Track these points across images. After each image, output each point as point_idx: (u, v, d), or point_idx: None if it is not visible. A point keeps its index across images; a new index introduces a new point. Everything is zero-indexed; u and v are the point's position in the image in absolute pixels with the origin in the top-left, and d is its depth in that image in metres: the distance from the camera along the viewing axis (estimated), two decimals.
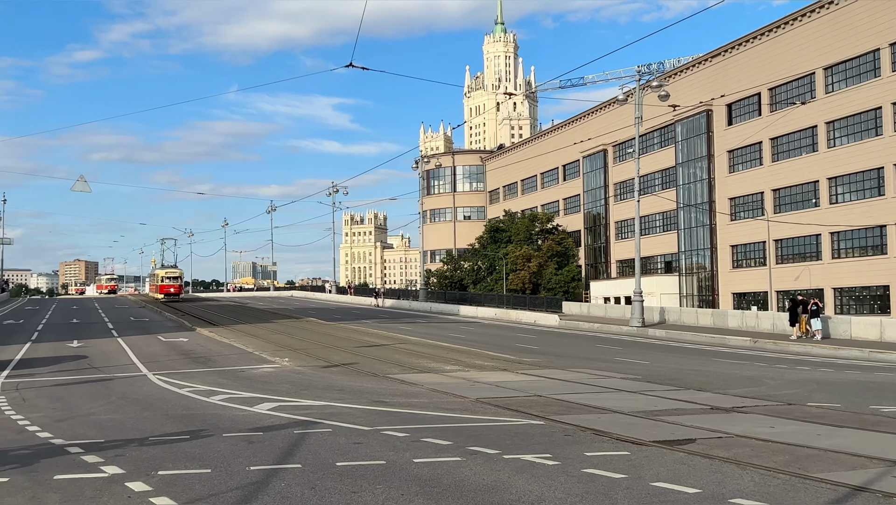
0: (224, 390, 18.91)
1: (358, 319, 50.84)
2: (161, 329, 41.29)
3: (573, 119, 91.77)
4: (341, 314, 57.14)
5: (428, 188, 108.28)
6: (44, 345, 32.74)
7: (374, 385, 20.02)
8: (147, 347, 31.33)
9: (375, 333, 38.43)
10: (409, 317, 56.49)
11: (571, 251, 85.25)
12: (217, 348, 30.83)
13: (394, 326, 45.47)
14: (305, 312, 59.28)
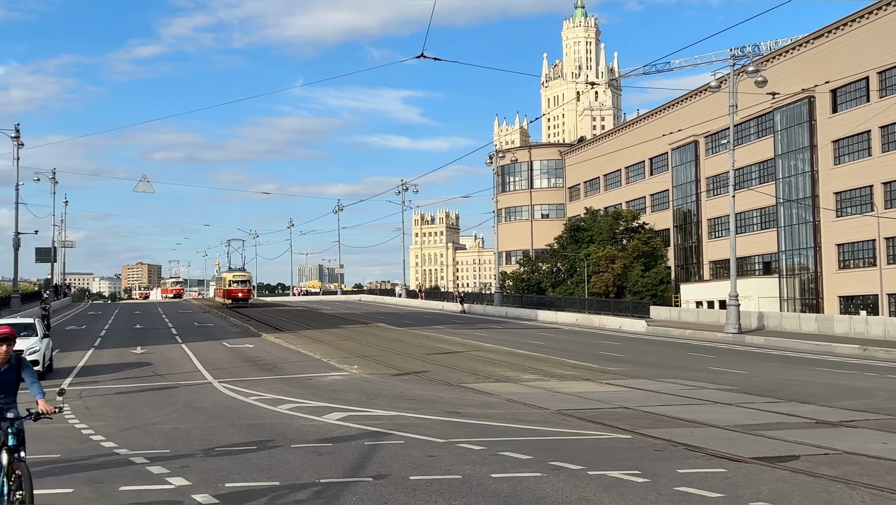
0: (291, 399, 19.03)
1: (429, 325, 50.89)
2: (226, 335, 41.85)
3: (661, 108, 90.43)
4: (412, 319, 57.28)
5: (503, 185, 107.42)
6: (107, 351, 33.43)
7: (447, 395, 19.99)
8: (212, 354, 31.69)
9: (448, 340, 38.42)
10: (483, 322, 56.23)
11: (659, 251, 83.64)
12: (283, 355, 30.99)
13: (467, 331, 45.32)
14: (374, 317, 59.62)
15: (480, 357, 30.14)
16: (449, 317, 63.88)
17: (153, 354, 32.17)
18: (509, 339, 40.68)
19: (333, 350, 32.45)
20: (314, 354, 30.87)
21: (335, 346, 34.55)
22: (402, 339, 39.08)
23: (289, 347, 34.52)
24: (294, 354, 31.56)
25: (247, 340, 38.81)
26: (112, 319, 57.17)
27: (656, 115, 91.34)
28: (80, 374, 25.70)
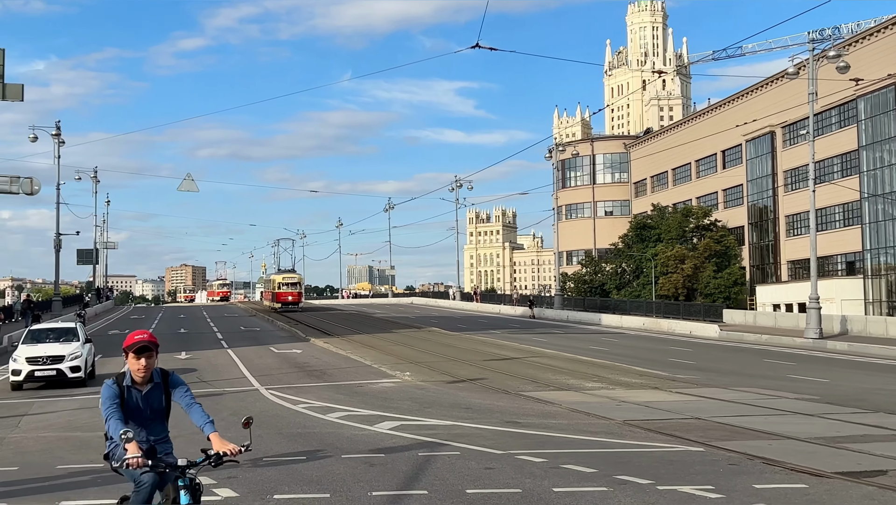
0: (341, 407, 19.14)
1: (485, 329, 50.67)
2: (273, 340, 41.92)
3: (734, 97, 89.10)
4: (466, 323, 57.09)
5: (563, 180, 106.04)
6: None
7: (505, 403, 19.92)
8: (259, 360, 31.90)
9: (505, 345, 38.21)
10: (542, 326, 56.00)
11: (733, 251, 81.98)
12: (333, 361, 31.12)
13: (526, 336, 45.08)
14: (427, 321, 59.47)
15: (540, 364, 30.00)
16: (506, 321, 63.52)
17: (198, 359, 32.50)
18: (571, 344, 40.51)
19: (384, 356, 32.47)
20: (364, 359, 30.90)
21: (386, 351, 34.55)
22: (456, 344, 39.01)
23: (338, 352, 34.56)
24: (343, 359, 31.65)
25: (295, 344, 38.93)
26: (155, 323, 57.77)
27: (729, 104, 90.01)
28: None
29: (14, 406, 21.02)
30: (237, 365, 30.24)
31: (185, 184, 46.03)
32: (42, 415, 19.29)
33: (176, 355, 34.24)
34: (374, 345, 37.59)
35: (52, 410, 20.13)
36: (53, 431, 16.76)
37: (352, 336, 42.87)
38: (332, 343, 38.35)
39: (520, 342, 40.37)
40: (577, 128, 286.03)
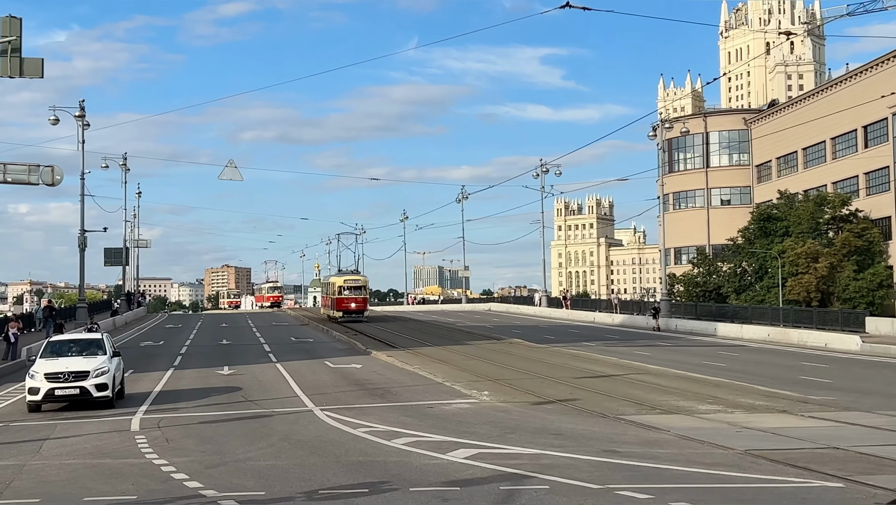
0: (409, 431, 19.28)
1: (577, 341, 50.29)
2: (328, 353, 42.40)
3: (877, 62, 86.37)
4: (555, 334, 56.83)
5: (670, 164, 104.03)
6: (188, 372, 34.60)
7: (602, 429, 19.93)
8: (312, 376, 32.26)
9: (602, 360, 38.13)
10: (645, 338, 55.73)
11: (877, 246, 79.44)
12: (398, 377, 31.20)
13: (626, 349, 44.91)
14: (508, 330, 59.27)
15: (643, 382, 29.80)
16: (601, 331, 63.20)
17: (243, 375, 32.97)
18: (680, 359, 40.17)
19: (459, 372, 32.44)
20: (435, 376, 31.00)
21: (460, 366, 34.53)
22: (543, 358, 38.94)
23: (404, 367, 34.68)
24: (411, 376, 31.68)
25: (353, 358, 39.44)
26: (194, 334, 58.87)
27: (871, 70, 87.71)
28: (157, 400, 26.42)
29: (34, 429, 21.23)
30: (287, 382, 30.58)
31: (227, 172, 46.24)
32: (66, 439, 19.50)
33: (217, 371, 34.61)
34: (447, 359, 37.71)
35: (78, 433, 20.24)
36: (79, 458, 17.03)
37: (420, 349, 42.97)
38: (398, 357, 38.60)
39: (618, 356, 40.20)
40: (687, 101, 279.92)
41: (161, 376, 32.94)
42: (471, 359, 37.91)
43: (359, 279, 72.58)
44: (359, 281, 72.10)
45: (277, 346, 47.35)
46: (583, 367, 35.29)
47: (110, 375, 25.55)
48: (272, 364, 37.36)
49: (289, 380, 31.15)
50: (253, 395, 27.09)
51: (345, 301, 70.34)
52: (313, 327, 65.70)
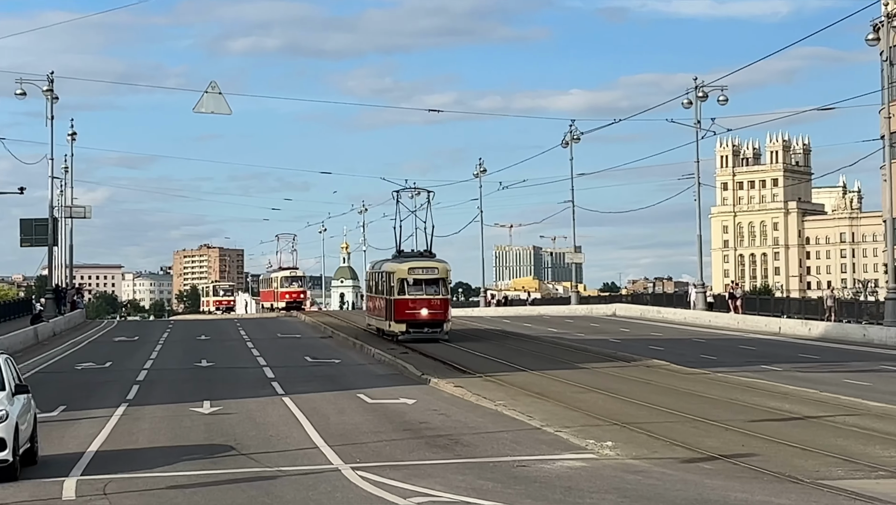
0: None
1: (753, 364, 47.49)
2: (364, 381, 40.26)
3: None
4: (718, 352, 54.18)
5: None
6: (150, 410, 32.15)
7: (794, 501, 18.20)
8: (339, 416, 30.50)
9: (792, 394, 35.83)
10: (862, 358, 51.63)
11: None
12: (472, 419, 29.79)
13: (831, 377, 42.17)
14: (643, 346, 56.55)
15: (858, 428, 27.31)
16: (790, 347, 58.41)
17: (233, 415, 30.96)
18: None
19: (566, 410, 31.07)
20: (530, 417, 29.48)
21: (569, 402, 32.96)
22: (698, 390, 37.22)
23: (481, 403, 32.95)
24: (492, 417, 30.27)
25: (402, 389, 37.34)
26: (158, 351, 55.26)
27: None
28: (98, 460, 23.47)
29: None
30: (301, 425, 28.51)
31: (208, 100, 42.94)
32: None
33: (194, 408, 32.26)
34: (547, 391, 36.14)
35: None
36: None
37: (505, 375, 41.00)
38: (470, 387, 36.76)
39: (819, 387, 37.51)
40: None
41: (107, 417, 30.24)
42: (585, 391, 36.32)
43: (435, 266, 57.59)
44: (435, 270, 57.02)
45: (285, 370, 45.08)
46: (762, 403, 33.13)
47: (9, 424, 20.56)
48: (277, 398, 35.34)
49: (303, 423, 28.96)
50: (249, 445, 25.11)
51: (413, 306, 56.22)
52: (340, 342, 60.67)
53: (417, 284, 56.09)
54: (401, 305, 55.88)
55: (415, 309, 55.71)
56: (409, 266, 56.74)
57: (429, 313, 55.53)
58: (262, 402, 34.54)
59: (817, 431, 26.91)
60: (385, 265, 60.09)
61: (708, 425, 28.24)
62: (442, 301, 56.28)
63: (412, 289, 55.90)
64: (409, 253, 61.73)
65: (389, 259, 62.08)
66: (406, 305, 55.91)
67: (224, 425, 29.12)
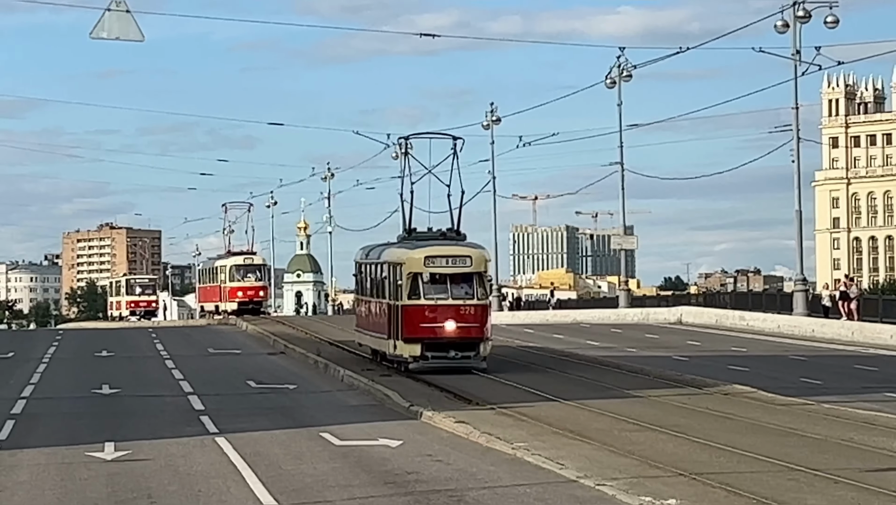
0: None
1: (874, 391, 45.72)
2: (328, 414, 37.82)
3: None
4: (823, 375, 51.81)
5: None
6: (29, 457, 29.69)
7: None
8: (295, 465, 27.94)
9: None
10: None
11: None
12: (478, 467, 27.06)
13: None
14: (719, 366, 53.58)
15: None
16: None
17: (147, 461, 28.33)
18: None
19: (611, 454, 28.22)
20: (560, 464, 26.67)
21: (615, 443, 30.19)
22: (796, 427, 34.82)
23: (491, 445, 30.23)
24: (508, 463, 27.62)
25: (382, 425, 34.87)
26: (40, 373, 51.29)
27: None
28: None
29: None
30: (241, 476, 25.99)
31: (111, 22, 42.27)
32: None
33: (92, 452, 29.55)
34: (585, 428, 33.14)
35: None
36: None
37: (525, 406, 37.93)
38: (477, 422, 33.68)
39: None
40: None
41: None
42: (639, 429, 33.28)
43: (466, 254, 48.43)
44: (467, 260, 47.97)
45: (220, 399, 42.48)
46: (886, 446, 30.55)
47: None
48: (208, 438, 32.64)
49: (245, 473, 25.95)
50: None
51: (430, 316, 47.61)
52: (297, 360, 56.22)
53: (439, 282, 46.55)
54: (413, 314, 46.18)
55: (435, 321, 46.06)
56: (426, 253, 46.52)
57: (457, 329, 45.69)
58: (188, 444, 31.93)
59: None
60: (387, 252, 50.05)
61: (811, 477, 26.23)
62: (478, 309, 46.59)
63: (431, 288, 46.35)
64: (424, 234, 50.96)
65: (394, 243, 51.48)
66: (421, 315, 46.20)
67: (134, 477, 26.85)
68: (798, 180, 79.23)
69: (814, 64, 71.95)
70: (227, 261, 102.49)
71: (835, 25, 68.19)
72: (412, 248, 47.96)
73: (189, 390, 45.68)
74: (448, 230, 50.11)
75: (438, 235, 50.04)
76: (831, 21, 67.84)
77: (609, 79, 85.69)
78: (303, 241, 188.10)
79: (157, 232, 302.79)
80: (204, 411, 39.21)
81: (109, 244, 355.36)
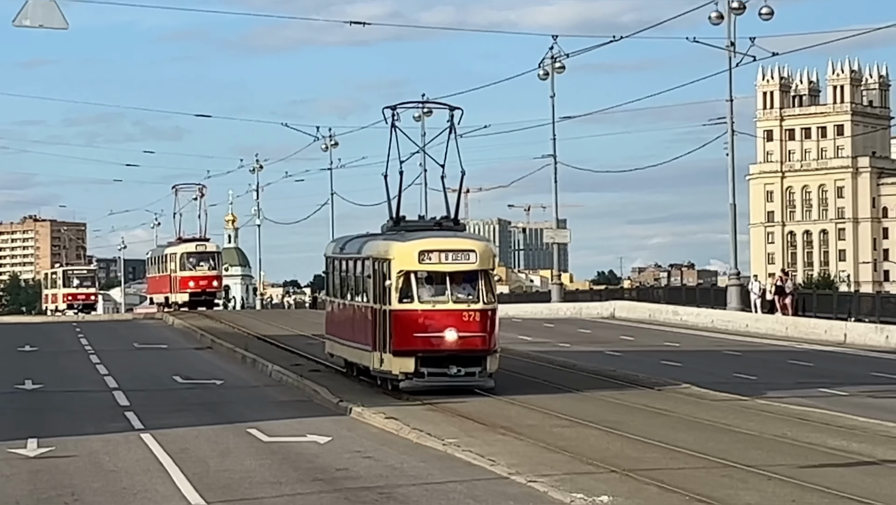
0: None
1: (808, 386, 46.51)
2: (256, 410, 37.80)
3: None
4: (759, 370, 53.14)
5: None
6: None
7: None
8: (221, 461, 28.17)
9: (864, 429, 34.85)
10: None
11: None
12: (408, 464, 27.65)
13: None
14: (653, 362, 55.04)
15: None
16: (861, 363, 57.36)
17: (71, 458, 28.84)
18: None
19: (543, 450, 28.82)
20: (491, 460, 27.31)
21: (547, 439, 30.57)
22: (731, 423, 35.68)
23: (422, 441, 30.54)
24: (438, 459, 28.16)
25: (311, 421, 35.11)
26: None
27: None
28: None
29: None
30: (166, 473, 26.28)
31: (34, 9, 42.11)
32: None
33: (15, 449, 29.66)
34: (517, 424, 33.53)
35: None
36: None
37: (456, 401, 38.18)
38: (407, 418, 34.08)
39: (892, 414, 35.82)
40: None
41: None
42: (571, 424, 33.70)
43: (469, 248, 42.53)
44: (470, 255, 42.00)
45: (146, 395, 42.54)
46: (820, 442, 31.33)
47: None
48: (133, 434, 32.70)
49: (170, 470, 26.14)
50: (92, 502, 23.58)
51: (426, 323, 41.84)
52: (224, 354, 57.03)
53: (436, 282, 40.01)
54: (405, 321, 39.65)
55: (433, 330, 39.54)
56: (420, 247, 39.76)
57: (459, 339, 39.10)
58: (112, 440, 32.13)
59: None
60: (371, 245, 42.90)
61: (745, 473, 26.62)
62: (484, 315, 39.68)
63: (427, 290, 39.79)
64: (415, 223, 44.56)
65: (378, 234, 44.82)
66: (415, 323, 39.58)
67: (58, 474, 27.17)
68: (732, 174, 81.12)
69: (748, 55, 73.16)
70: (178, 248, 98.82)
71: (769, 17, 69.26)
72: (403, 240, 40.90)
73: (114, 386, 45.73)
74: (444, 219, 43.30)
75: (433, 225, 43.27)
76: (766, 12, 68.85)
77: (542, 69, 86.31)
78: (231, 234, 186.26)
79: (82, 225, 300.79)
80: (129, 407, 39.22)
81: (33, 237, 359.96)
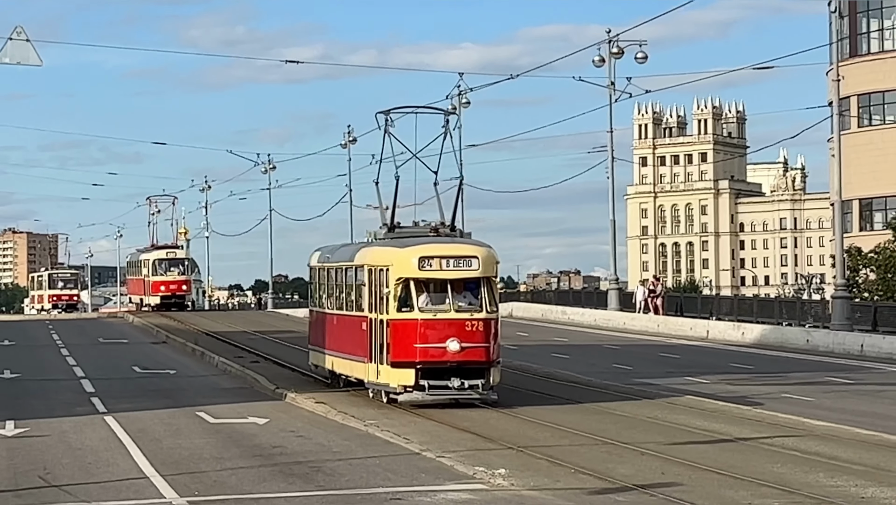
0: None
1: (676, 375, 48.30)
2: (206, 395, 38.79)
3: None
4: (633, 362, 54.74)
5: (853, 40, 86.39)
6: None
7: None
8: (173, 439, 29.15)
9: (721, 411, 35.78)
10: (805, 368, 51.78)
11: None
12: (334, 441, 28.49)
13: (767, 390, 42.33)
14: (543, 354, 56.56)
15: (798, 452, 27.19)
16: (720, 355, 59.17)
17: (43, 437, 30.09)
18: (870, 409, 37.38)
19: (449, 430, 29.55)
20: (406, 438, 28.31)
21: (453, 421, 31.34)
22: (610, 408, 36.76)
23: (346, 422, 31.26)
24: (360, 438, 28.95)
25: (251, 405, 35.97)
26: None
27: None
28: None
29: None
30: (126, 449, 27.77)
31: (13, 49, 43.17)
32: None
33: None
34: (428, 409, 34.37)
35: None
36: None
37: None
38: (334, 402, 34.60)
39: (752, 403, 37.52)
40: None
41: None
42: (474, 408, 34.70)
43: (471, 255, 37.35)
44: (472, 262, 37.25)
45: (108, 383, 44.01)
46: (685, 423, 32.28)
47: None
48: (98, 417, 34.19)
49: (129, 447, 27.90)
50: (62, 475, 24.28)
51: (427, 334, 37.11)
52: (177, 348, 59.64)
53: (436, 290, 36.40)
54: (404, 331, 36.09)
55: (433, 340, 35.83)
56: (420, 253, 36.09)
57: (462, 350, 35.29)
58: (79, 422, 33.38)
59: (750, 456, 26.43)
60: (365, 252, 39.50)
61: (621, 449, 27.94)
62: (487, 324, 35.76)
63: (427, 298, 36.07)
64: (410, 228, 40.85)
65: (373, 240, 41.31)
66: (415, 333, 35.94)
67: (31, 451, 28.44)
68: (612, 194, 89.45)
69: (625, 92, 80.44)
70: (151, 254, 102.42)
71: (644, 60, 76.74)
72: (401, 246, 37.46)
73: (81, 375, 47.67)
74: (441, 225, 39.56)
75: (430, 231, 39.67)
76: (641, 57, 76.67)
77: (451, 105, 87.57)
78: (183, 244, 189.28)
79: (54, 236, 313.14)
80: (94, 393, 40.94)
81: (12, 247, 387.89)
